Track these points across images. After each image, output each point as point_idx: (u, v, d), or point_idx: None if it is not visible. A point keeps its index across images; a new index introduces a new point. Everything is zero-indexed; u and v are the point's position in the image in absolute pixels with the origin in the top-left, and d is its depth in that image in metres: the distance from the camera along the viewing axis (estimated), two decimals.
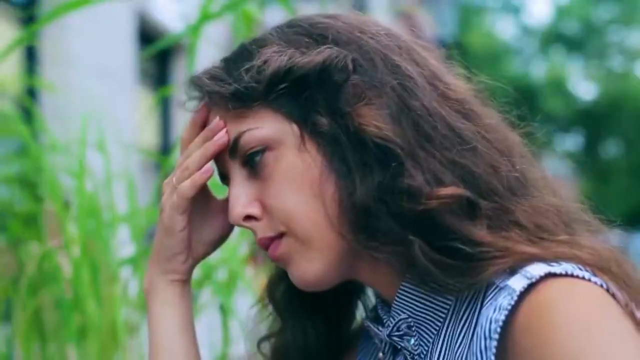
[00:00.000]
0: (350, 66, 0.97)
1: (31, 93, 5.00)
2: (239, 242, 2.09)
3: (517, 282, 0.88)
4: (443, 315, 0.98)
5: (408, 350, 1.00)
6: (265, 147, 0.98)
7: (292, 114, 0.97)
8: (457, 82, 1.03)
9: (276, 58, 0.97)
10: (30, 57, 5.51)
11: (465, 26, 28.05)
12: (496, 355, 0.87)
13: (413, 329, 1.00)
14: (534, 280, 0.87)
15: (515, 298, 0.87)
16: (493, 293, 0.91)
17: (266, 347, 1.20)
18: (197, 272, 2.16)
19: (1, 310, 2.14)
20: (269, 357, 1.19)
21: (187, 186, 1.04)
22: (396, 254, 0.95)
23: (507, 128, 1.03)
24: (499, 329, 0.87)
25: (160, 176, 2.37)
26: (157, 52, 7.26)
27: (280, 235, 1.00)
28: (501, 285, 0.90)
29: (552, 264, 0.89)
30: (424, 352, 0.99)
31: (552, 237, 0.93)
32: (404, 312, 1.00)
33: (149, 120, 7.74)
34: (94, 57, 5.98)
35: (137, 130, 6.71)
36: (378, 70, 0.98)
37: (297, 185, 0.97)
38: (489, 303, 0.90)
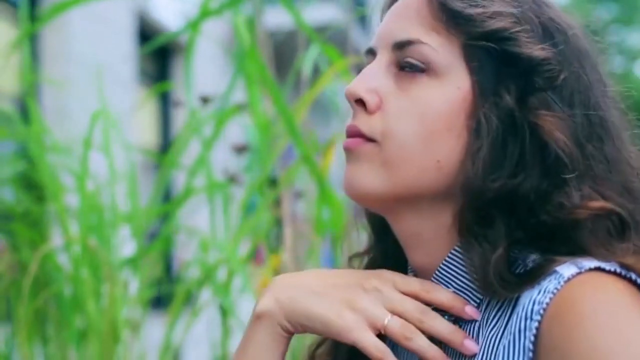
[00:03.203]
0: (558, 82, 0.97)
1: (31, 92, 5.01)
2: (238, 241, 2.10)
3: (567, 269, 0.88)
4: (481, 297, 0.97)
5: None
6: (428, 69, 0.98)
7: (480, 71, 0.97)
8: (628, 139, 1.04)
9: (510, 21, 0.97)
10: (30, 55, 5.51)
11: None
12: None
13: None
14: (582, 270, 0.87)
15: (562, 283, 0.87)
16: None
17: (357, 263, 1.15)
18: (196, 272, 2.18)
19: (2, 310, 2.15)
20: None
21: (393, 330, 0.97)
22: (477, 243, 0.95)
23: None
24: (542, 311, 0.87)
25: (160, 175, 2.37)
26: (156, 51, 7.26)
27: (370, 140, 0.98)
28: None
29: (605, 260, 0.90)
30: None
31: None
32: (448, 287, 0.99)
33: (148, 119, 7.73)
34: (93, 56, 5.99)
35: (136, 129, 6.71)
36: (582, 102, 0.98)
37: (435, 122, 0.96)
38: (532, 286, 0.91)
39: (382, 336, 1.01)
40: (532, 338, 0.87)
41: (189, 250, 2.34)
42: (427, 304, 0.98)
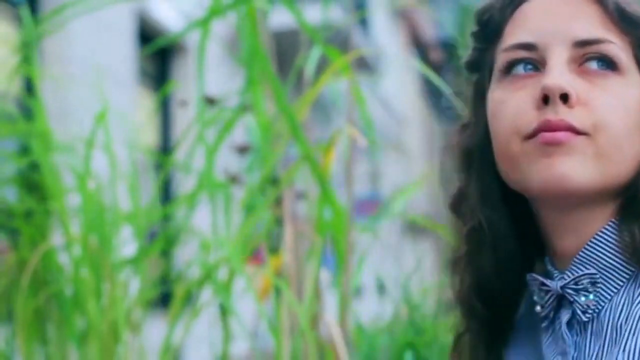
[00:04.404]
0: None
1: (31, 92, 5.01)
2: (239, 242, 2.10)
3: None
4: (627, 276, 1.02)
5: (580, 305, 1.03)
6: (616, 67, 1.03)
7: None
8: None
9: None
10: (32, 55, 5.51)
11: (465, 27, 28.03)
12: None
13: (599, 285, 1.02)
14: None
15: None
16: None
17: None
18: (197, 272, 2.18)
19: (2, 310, 2.15)
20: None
21: None
22: None
23: None
24: None
25: (161, 176, 2.37)
26: (157, 51, 7.26)
27: (580, 133, 1.01)
28: None
29: None
30: (598, 309, 1.03)
31: None
32: (591, 267, 1.03)
33: (149, 120, 7.73)
34: (93, 56, 5.99)
35: (136, 129, 6.70)
36: None
37: (633, 117, 1.02)
38: None
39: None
40: None
41: (190, 250, 2.34)
42: None
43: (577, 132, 1.00)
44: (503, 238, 1.11)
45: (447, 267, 1.19)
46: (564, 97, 1.00)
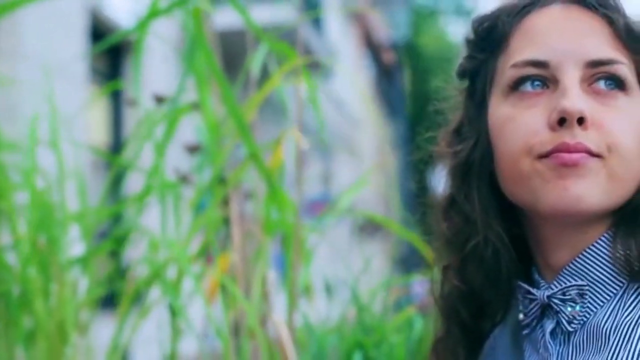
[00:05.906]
0: None
1: None
2: (188, 241, 2.10)
3: None
4: (615, 289, 1.03)
5: (566, 315, 1.04)
6: (625, 88, 1.04)
7: None
8: None
9: None
10: None
11: (417, 28, 28.22)
12: None
13: (586, 297, 1.03)
14: None
15: None
16: None
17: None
18: (145, 271, 2.18)
19: None
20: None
21: None
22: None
23: None
24: None
25: (111, 175, 2.37)
26: (109, 49, 7.21)
27: (594, 155, 1.01)
28: None
29: None
30: (584, 320, 1.03)
31: None
32: (580, 278, 1.04)
33: (99, 118, 7.68)
34: (44, 53, 5.94)
35: (87, 128, 6.66)
36: None
37: (638, 136, 1.03)
38: None
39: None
40: None
41: (139, 249, 2.34)
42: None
43: (592, 154, 1.01)
44: (503, 251, 1.11)
45: (435, 271, 1.19)
46: (580, 120, 1.01)
